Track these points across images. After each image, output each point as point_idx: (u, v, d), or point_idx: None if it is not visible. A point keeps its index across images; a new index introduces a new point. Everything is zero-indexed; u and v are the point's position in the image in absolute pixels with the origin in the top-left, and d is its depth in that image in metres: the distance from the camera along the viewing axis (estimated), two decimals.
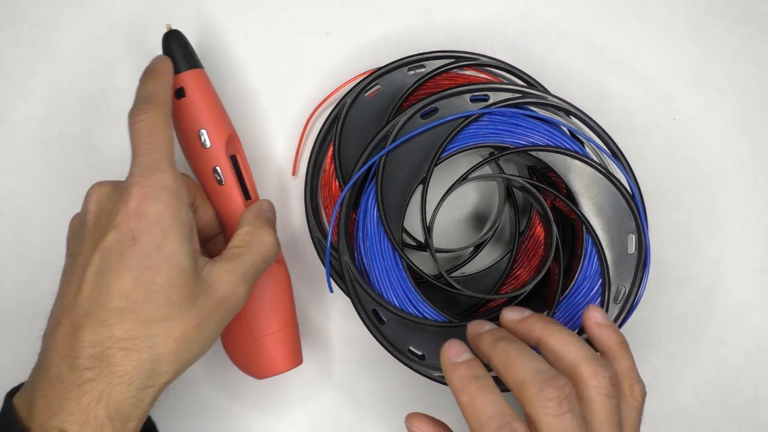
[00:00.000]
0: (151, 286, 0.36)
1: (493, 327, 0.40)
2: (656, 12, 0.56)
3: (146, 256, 0.36)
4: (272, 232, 0.42)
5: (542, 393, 0.34)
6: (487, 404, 0.35)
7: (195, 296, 0.37)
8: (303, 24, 0.54)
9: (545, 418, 0.34)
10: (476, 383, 0.36)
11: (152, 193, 0.37)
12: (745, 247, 0.54)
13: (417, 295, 0.46)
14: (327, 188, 0.50)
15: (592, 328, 0.41)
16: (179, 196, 0.37)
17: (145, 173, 0.37)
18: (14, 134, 0.53)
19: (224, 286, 0.38)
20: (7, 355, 0.51)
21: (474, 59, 0.50)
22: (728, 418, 0.53)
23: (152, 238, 0.36)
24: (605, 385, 0.36)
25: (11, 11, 0.53)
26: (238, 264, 0.39)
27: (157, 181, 0.37)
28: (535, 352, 0.37)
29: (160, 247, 0.36)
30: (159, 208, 0.36)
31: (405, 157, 0.47)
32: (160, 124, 0.40)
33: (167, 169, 0.38)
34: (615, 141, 0.48)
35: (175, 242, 0.36)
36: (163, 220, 0.36)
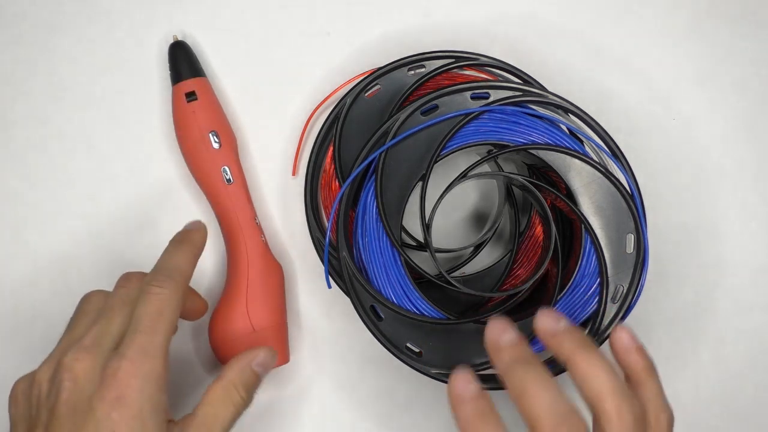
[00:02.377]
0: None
1: (514, 339, 0.38)
2: (656, 12, 0.56)
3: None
4: (244, 396, 0.41)
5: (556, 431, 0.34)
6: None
7: None
8: (303, 24, 0.54)
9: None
10: (482, 421, 0.36)
11: (138, 384, 0.36)
12: (745, 247, 0.54)
13: (415, 292, 0.46)
14: (327, 188, 0.50)
15: (618, 353, 0.40)
16: (162, 387, 0.37)
17: (139, 358, 0.36)
18: (14, 134, 0.53)
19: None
20: (7, 355, 0.51)
21: (474, 59, 0.50)
22: (728, 418, 0.53)
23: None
24: (628, 424, 0.35)
25: (11, 11, 0.53)
26: (209, 427, 0.39)
27: (147, 370, 0.36)
28: (553, 383, 0.36)
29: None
30: (141, 400, 0.36)
31: (404, 154, 0.47)
32: (173, 304, 0.39)
33: (160, 356, 0.37)
34: (615, 140, 0.48)
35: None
36: (144, 413, 0.36)
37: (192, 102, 0.50)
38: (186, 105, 0.50)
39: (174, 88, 0.50)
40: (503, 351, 0.37)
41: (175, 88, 0.50)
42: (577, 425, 0.34)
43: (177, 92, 0.50)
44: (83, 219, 0.52)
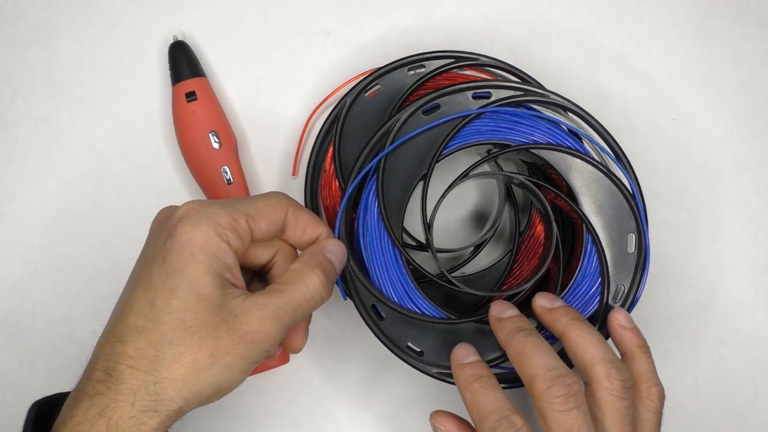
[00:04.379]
0: (168, 307, 0.35)
1: (514, 314, 0.42)
2: (656, 12, 0.56)
3: (169, 277, 0.35)
4: (321, 276, 0.39)
5: (551, 389, 0.37)
6: (487, 400, 0.38)
7: (213, 325, 0.35)
8: (303, 24, 0.54)
9: (552, 413, 0.37)
10: (479, 382, 0.39)
11: (195, 218, 0.36)
12: (745, 247, 0.54)
13: (416, 291, 0.46)
14: (327, 188, 0.50)
15: (614, 330, 0.43)
16: (221, 233, 0.36)
17: (206, 203, 0.37)
18: (14, 134, 0.53)
19: (251, 319, 0.36)
20: (7, 355, 0.51)
21: (474, 59, 0.50)
22: (728, 418, 0.53)
23: (178, 260, 0.35)
24: (617, 387, 0.38)
25: (11, 11, 0.53)
26: (273, 300, 0.37)
27: (207, 212, 0.37)
28: (549, 348, 0.39)
29: (183, 270, 0.35)
30: (193, 233, 0.36)
31: (406, 154, 0.47)
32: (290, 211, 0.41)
33: (227, 212, 0.37)
34: (616, 140, 0.48)
35: (200, 269, 0.35)
36: (193, 245, 0.35)
37: (192, 102, 0.50)
38: (186, 105, 0.50)
39: (174, 88, 0.50)
40: (505, 322, 0.41)
41: (175, 88, 0.50)
42: (570, 383, 0.37)
43: (177, 92, 0.50)
44: (83, 219, 0.52)
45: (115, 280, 0.52)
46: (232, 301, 0.36)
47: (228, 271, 0.36)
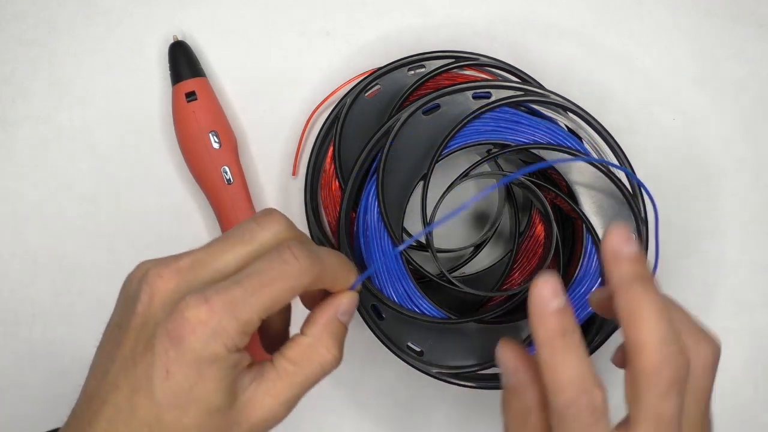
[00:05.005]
0: (177, 425, 0.32)
1: (636, 252, 0.32)
2: (656, 12, 0.56)
3: (176, 396, 0.31)
4: (336, 349, 0.35)
5: (657, 370, 0.30)
6: (567, 365, 0.31)
7: (225, 429, 0.33)
8: (303, 24, 0.54)
9: (649, 396, 0.30)
10: (562, 340, 0.31)
11: (204, 334, 0.31)
12: (745, 247, 0.54)
13: (416, 291, 0.46)
14: (327, 188, 0.50)
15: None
16: (231, 347, 0.32)
17: (219, 310, 0.31)
18: (14, 134, 0.53)
19: (263, 410, 0.33)
20: (7, 355, 0.51)
21: (474, 59, 0.50)
22: (728, 418, 0.53)
23: (186, 379, 0.31)
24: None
25: (11, 11, 0.53)
26: (286, 387, 0.34)
27: (216, 323, 0.31)
28: (668, 314, 0.31)
29: (193, 389, 0.31)
30: (202, 353, 0.31)
31: (405, 154, 0.47)
32: (295, 281, 0.33)
33: (243, 320, 0.32)
34: (616, 140, 0.48)
35: (210, 386, 0.32)
36: (202, 362, 0.31)
37: (192, 102, 0.50)
38: (186, 105, 0.50)
39: (174, 88, 0.51)
40: (624, 262, 0.32)
41: (175, 88, 0.50)
42: (680, 366, 0.30)
43: (177, 92, 0.50)
44: (83, 219, 0.52)
45: (115, 280, 0.52)
46: (243, 395, 0.33)
47: (237, 366, 0.33)
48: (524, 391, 0.33)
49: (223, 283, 0.32)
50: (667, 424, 0.30)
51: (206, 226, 0.53)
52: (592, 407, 0.30)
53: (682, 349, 0.30)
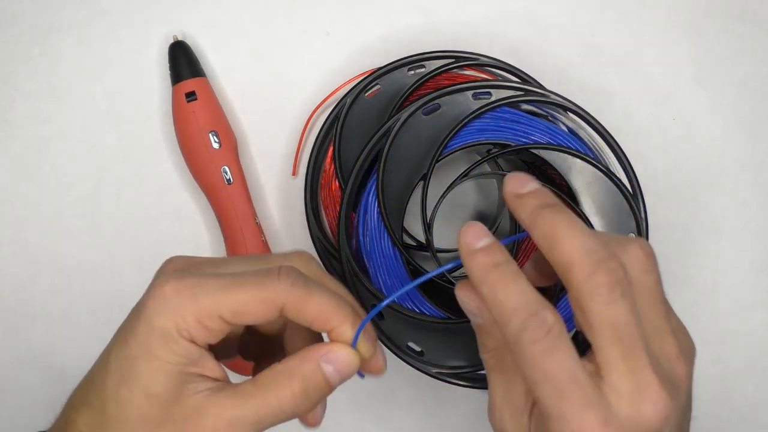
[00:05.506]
0: (115, 395, 0.31)
1: (536, 187, 0.32)
2: (656, 12, 0.56)
3: (123, 363, 0.31)
4: (297, 390, 0.32)
5: (592, 278, 0.29)
6: (510, 294, 0.30)
7: (158, 424, 0.31)
8: (303, 24, 0.54)
9: (594, 307, 0.29)
10: (497, 272, 0.31)
11: (160, 305, 0.31)
12: (745, 247, 0.54)
13: (416, 291, 0.46)
14: (327, 188, 0.50)
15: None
16: (182, 331, 0.31)
17: (184, 280, 0.31)
18: (14, 134, 0.53)
19: (203, 423, 0.31)
20: (6, 356, 0.51)
21: (474, 59, 0.50)
22: (728, 418, 0.53)
23: (137, 348, 0.31)
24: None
25: (11, 11, 0.53)
26: (235, 405, 0.31)
27: (175, 300, 0.31)
28: (584, 227, 0.30)
29: (137, 361, 0.31)
30: (154, 323, 0.31)
31: (406, 154, 0.47)
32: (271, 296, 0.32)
33: (197, 307, 0.31)
34: (616, 140, 0.48)
35: (154, 364, 0.31)
36: (153, 336, 0.31)
37: (192, 102, 0.50)
38: (186, 105, 0.50)
39: (174, 88, 0.51)
40: (526, 198, 0.32)
41: (175, 88, 0.50)
42: (614, 268, 0.29)
43: (177, 92, 0.50)
44: (83, 219, 0.52)
45: (115, 280, 0.52)
46: (191, 397, 0.31)
47: (193, 365, 0.31)
48: (493, 329, 0.33)
49: (208, 273, 0.32)
50: (627, 330, 0.29)
51: (206, 226, 0.53)
52: (546, 327, 0.29)
53: (611, 253, 0.29)
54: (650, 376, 0.29)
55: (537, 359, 0.29)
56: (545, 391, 0.29)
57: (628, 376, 0.29)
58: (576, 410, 0.28)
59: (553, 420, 0.29)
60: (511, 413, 0.32)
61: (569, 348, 0.29)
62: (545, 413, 0.29)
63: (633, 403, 0.29)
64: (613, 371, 0.29)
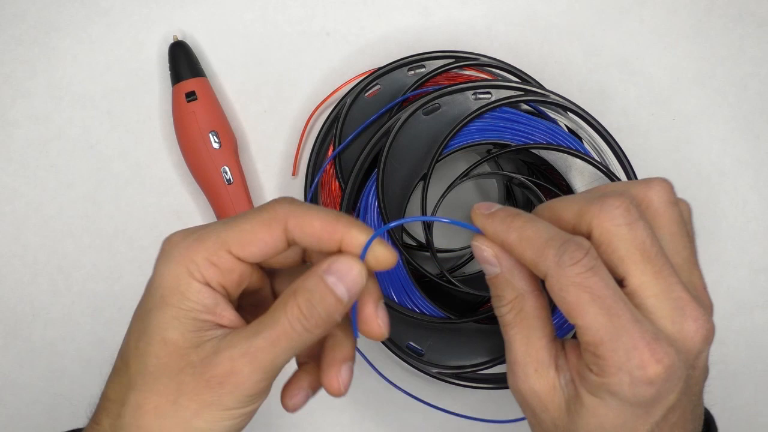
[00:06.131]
0: (135, 350, 0.32)
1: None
2: (656, 12, 0.56)
3: (139, 319, 0.32)
4: (302, 307, 0.31)
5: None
6: (540, 229, 0.30)
7: (178, 370, 0.31)
8: (303, 24, 0.54)
9: (618, 230, 0.29)
10: (520, 217, 0.31)
11: (167, 255, 0.32)
12: (745, 247, 0.54)
13: (416, 291, 0.46)
14: (327, 188, 0.50)
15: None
16: (193, 272, 0.31)
17: (187, 234, 0.32)
18: (14, 134, 0.53)
19: (219, 360, 0.31)
20: (7, 355, 0.51)
21: (474, 59, 0.50)
22: (728, 418, 0.53)
23: (150, 301, 0.32)
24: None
25: (11, 11, 0.53)
26: (246, 336, 0.31)
27: (181, 246, 0.32)
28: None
29: (151, 312, 0.31)
30: (163, 273, 0.31)
31: (405, 154, 0.47)
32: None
33: (203, 245, 0.31)
34: (616, 140, 0.48)
35: (168, 312, 0.31)
36: (164, 286, 0.31)
37: (192, 102, 0.50)
38: (186, 105, 0.50)
39: (174, 88, 0.51)
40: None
41: (175, 88, 0.50)
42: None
43: (177, 92, 0.50)
44: (83, 219, 0.52)
45: (115, 280, 0.52)
46: (207, 342, 0.31)
47: (207, 312, 0.31)
48: (513, 276, 0.32)
49: (209, 225, 0.33)
50: (654, 250, 0.29)
51: None
52: (584, 248, 0.29)
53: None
54: (685, 295, 0.30)
55: (582, 279, 0.29)
56: (592, 313, 0.29)
57: (663, 296, 0.29)
58: (628, 327, 0.28)
59: (604, 343, 0.28)
60: (536, 367, 0.31)
61: (607, 271, 0.29)
62: (593, 339, 0.29)
63: (675, 322, 0.29)
64: (649, 294, 0.29)
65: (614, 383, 0.29)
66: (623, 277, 0.30)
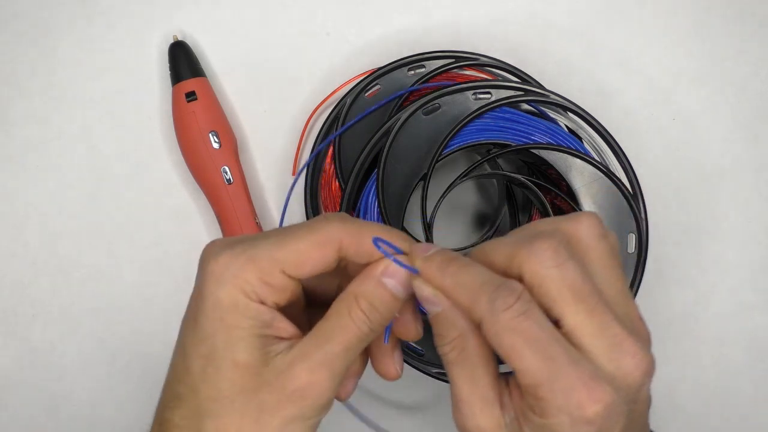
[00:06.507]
0: (203, 375, 0.31)
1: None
2: (656, 12, 0.56)
3: (201, 343, 0.31)
4: (364, 307, 0.32)
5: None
6: (474, 274, 0.31)
7: (255, 389, 0.31)
8: (303, 24, 0.54)
9: (547, 272, 0.29)
10: (456, 262, 0.31)
11: (219, 277, 0.31)
12: (745, 247, 0.54)
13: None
14: (327, 188, 0.50)
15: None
16: (250, 293, 0.31)
17: (234, 251, 0.32)
18: (14, 134, 0.53)
19: (297, 373, 0.31)
20: (7, 356, 0.51)
21: (474, 59, 0.50)
22: (728, 418, 0.53)
23: (209, 325, 0.31)
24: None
25: (11, 11, 0.53)
26: (317, 345, 0.31)
27: (233, 267, 0.31)
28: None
29: (215, 336, 0.31)
30: (219, 296, 0.31)
31: (405, 154, 0.47)
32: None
33: (257, 266, 0.31)
34: (616, 140, 0.48)
35: (233, 334, 0.31)
36: (221, 308, 0.31)
37: (192, 102, 0.50)
38: (186, 105, 0.50)
39: (174, 88, 0.51)
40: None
41: (175, 88, 0.50)
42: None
43: (177, 92, 0.50)
44: (83, 219, 0.52)
45: (115, 280, 0.52)
46: (276, 358, 0.31)
47: (267, 327, 0.32)
48: (454, 315, 0.32)
49: (256, 239, 0.32)
50: (586, 288, 0.29)
51: (206, 226, 0.53)
52: (516, 292, 0.29)
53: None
54: (621, 331, 0.29)
55: (515, 324, 0.29)
56: (528, 357, 0.28)
57: (599, 335, 0.29)
58: (565, 368, 0.28)
59: (542, 385, 0.28)
60: (482, 407, 0.31)
61: (541, 312, 0.29)
62: (531, 382, 0.29)
63: (612, 359, 0.29)
64: (584, 333, 0.29)
65: (555, 424, 0.29)
66: (558, 319, 0.30)
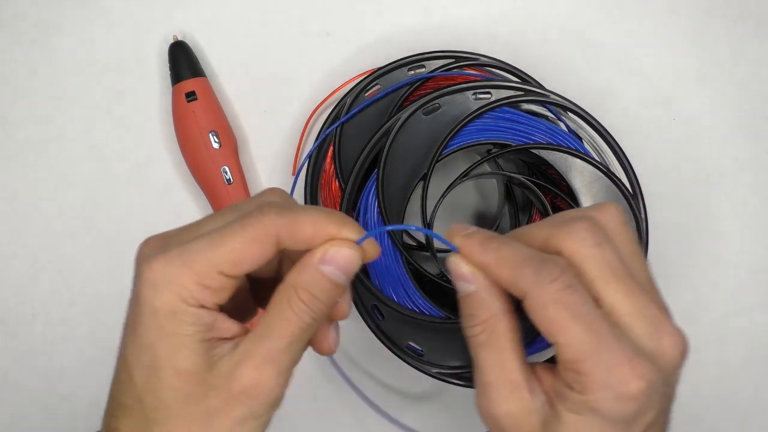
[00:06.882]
0: (147, 386, 0.30)
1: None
2: (656, 12, 0.56)
3: (142, 353, 0.30)
4: (305, 298, 0.31)
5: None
6: (517, 250, 0.31)
7: (200, 396, 0.30)
8: (303, 24, 0.54)
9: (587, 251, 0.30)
10: (497, 239, 0.31)
11: (154, 284, 0.30)
12: (745, 247, 0.54)
13: (416, 291, 0.46)
14: (327, 188, 0.50)
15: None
16: (187, 299, 0.30)
17: (166, 254, 0.30)
18: (14, 134, 0.53)
19: (243, 373, 0.30)
20: (6, 356, 0.51)
21: (474, 59, 0.50)
22: (728, 418, 0.53)
23: (148, 334, 0.30)
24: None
25: (11, 11, 0.53)
26: (260, 342, 0.30)
27: (168, 273, 0.30)
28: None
29: (154, 345, 0.30)
30: (155, 304, 0.30)
31: (406, 154, 0.47)
32: (261, 239, 0.30)
33: (192, 270, 0.30)
34: (616, 140, 0.48)
35: (173, 342, 0.30)
36: (159, 316, 0.30)
37: (192, 102, 0.50)
38: (186, 105, 0.50)
39: (174, 88, 0.51)
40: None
41: (175, 88, 0.50)
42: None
43: (177, 92, 0.50)
44: (83, 219, 0.52)
45: (115, 280, 0.52)
46: (220, 361, 0.31)
47: (209, 330, 0.31)
48: (490, 296, 0.32)
49: (189, 239, 0.31)
50: (623, 270, 0.30)
51: None
52: (561, 266, 0.29)
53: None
54: (659, 312, 0.30)
55: (561, 296, 0.29)
56: (573, 330, 0.29)
57: (638, 314, 0.30)
58: (609, 343, 0.28)
59: (586, 360, 0.28)
60: (511, 390, 0.31)
61: (584, 289, 0.29)
62: (574, 357, 0.29)
63: (652, 338, 0.30)
64: (623, 312, 0.30)
65: (597, 400, 0.29)
66: (597, 297, 0.30)
